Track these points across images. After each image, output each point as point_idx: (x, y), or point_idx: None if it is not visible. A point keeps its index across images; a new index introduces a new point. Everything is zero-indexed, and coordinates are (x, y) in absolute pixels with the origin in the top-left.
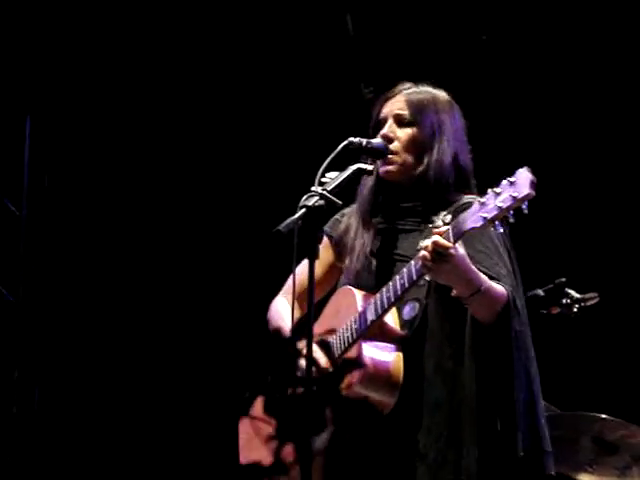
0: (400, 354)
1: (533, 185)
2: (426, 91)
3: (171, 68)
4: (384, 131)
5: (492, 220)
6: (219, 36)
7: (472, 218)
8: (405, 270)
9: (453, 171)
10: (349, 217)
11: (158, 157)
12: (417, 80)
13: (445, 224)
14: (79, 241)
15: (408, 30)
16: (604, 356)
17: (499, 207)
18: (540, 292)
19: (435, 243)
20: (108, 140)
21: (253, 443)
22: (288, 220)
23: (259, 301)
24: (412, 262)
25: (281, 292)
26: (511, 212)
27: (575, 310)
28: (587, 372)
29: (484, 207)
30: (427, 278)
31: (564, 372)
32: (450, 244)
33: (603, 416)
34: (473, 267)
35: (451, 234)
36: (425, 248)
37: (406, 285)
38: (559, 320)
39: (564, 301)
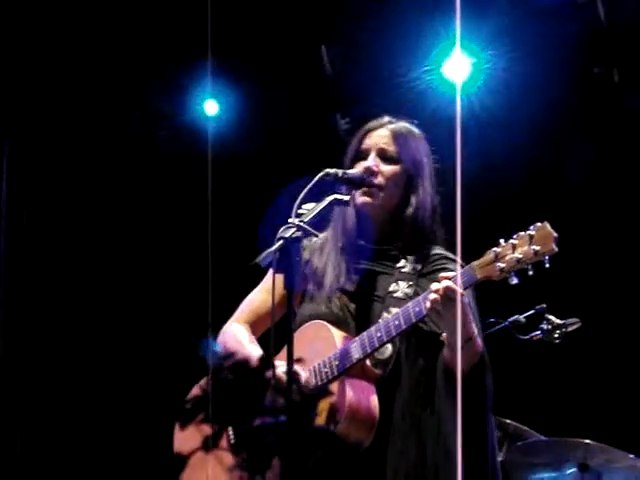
0: (375, 394)
1: (556, 241)
2: (408, 128)
3: (150, 106)
4: (368, 164)
5: (509, 271)
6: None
7: (486, 267)
8: (401, 312)
9: (432, 216)
10: (312, 248)
11: (138, 192)
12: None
13: (417, 272)
14: (59, 280)
15: (381, 60)
16: (587, 381)
17: (518, 259)
18: (521, 318)
19: (447, 288)
20: (86, 174)
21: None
22: (266, 252)
23: None
24: (409, 305)
25: (233, 318)
26: (530, 265)
27: (556, 336)
28: (570, 398)
29: (500, 258)
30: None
31: (547, 398)
32: (461, 290)
33: (587, 441)
34: (471, 316)
35: (460, 280)
36: (436, 291)
37: (402, 327)
38: (541, 346)
39: (545, 327)
